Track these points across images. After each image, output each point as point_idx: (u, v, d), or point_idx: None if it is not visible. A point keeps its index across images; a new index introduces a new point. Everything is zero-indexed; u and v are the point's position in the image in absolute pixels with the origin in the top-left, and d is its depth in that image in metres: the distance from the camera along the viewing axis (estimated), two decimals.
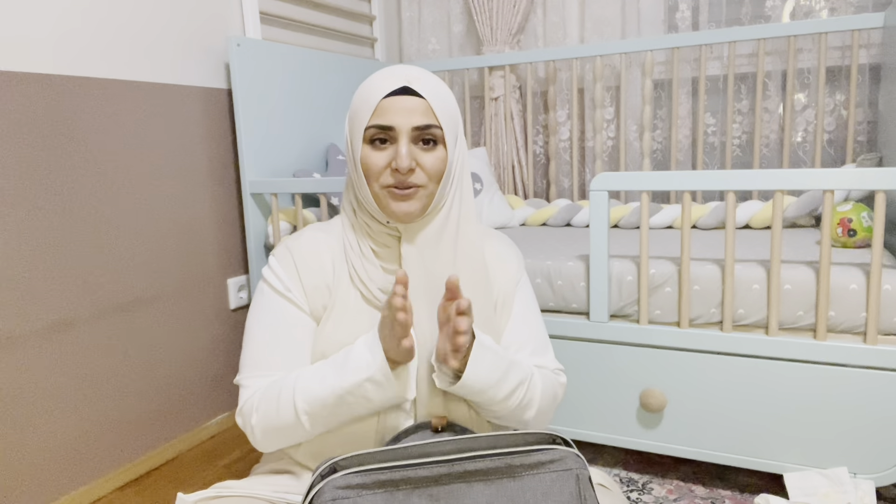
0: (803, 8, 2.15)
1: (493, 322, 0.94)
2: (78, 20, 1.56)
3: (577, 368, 1.58)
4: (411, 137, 0.85)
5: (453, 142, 0.89)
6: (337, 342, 0.89)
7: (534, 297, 1.04)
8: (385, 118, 0.84)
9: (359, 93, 0.88)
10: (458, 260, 0.92)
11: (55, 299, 1.53)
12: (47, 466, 1.53)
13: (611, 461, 1.70)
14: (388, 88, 0.85)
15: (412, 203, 0.86)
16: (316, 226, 0.97)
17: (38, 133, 1.49)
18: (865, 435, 1.34)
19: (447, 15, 2.72)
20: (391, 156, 0.85)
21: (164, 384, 1.81)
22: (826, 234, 1.30)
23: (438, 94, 0.87)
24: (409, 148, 0.84)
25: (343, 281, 0.91)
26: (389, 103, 0.84)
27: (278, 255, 0.94)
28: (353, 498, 0.66)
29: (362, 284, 0.90)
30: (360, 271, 0.90)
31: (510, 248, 1.02)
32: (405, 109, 0.84)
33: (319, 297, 0.91)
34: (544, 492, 0.69)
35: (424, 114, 0.85)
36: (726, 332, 1.42)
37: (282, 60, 2.01)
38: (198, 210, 1.89)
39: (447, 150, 0.87)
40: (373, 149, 0.86)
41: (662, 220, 2.06)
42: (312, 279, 0.91)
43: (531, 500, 0.69)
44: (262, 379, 0.90)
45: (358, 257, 0.91)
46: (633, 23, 2.36)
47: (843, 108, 2.14)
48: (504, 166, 2.56)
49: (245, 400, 0.90)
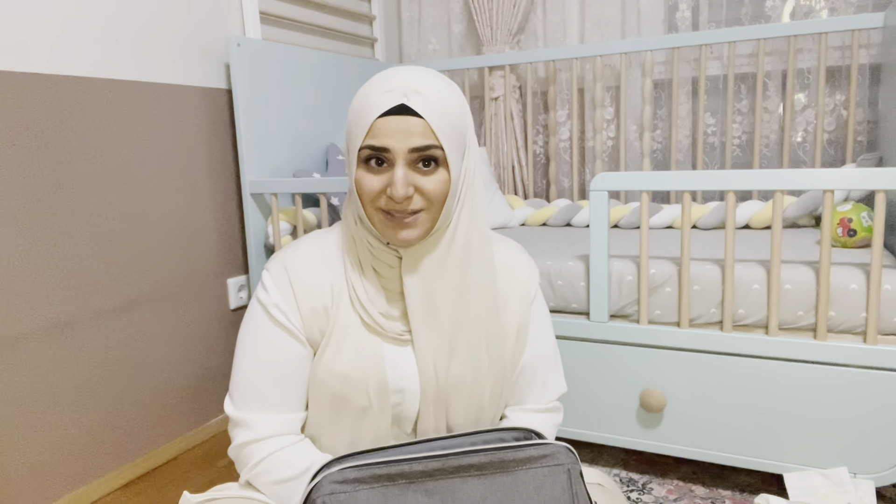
0: (803, 8, 2.15)
1: (503, 353, 0.89)
2: (78, 20, 1.56)
3: (577, 368, 1.58)
4: (408, 160, 0.77)
5: (459, 157, 0.81)
6: (336, 374, 0.84)
7: (547, 313, 0.98)
8: (380, 139, 0.77)
9: (356, 103, 0.81)
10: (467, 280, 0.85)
11: (55, 299, 1.53)
12: (47, 466, 1.53)
13: (611, 461, 1.70)
14: (384, 106, 0.76)
15: (411, 231, 0.80)
16: (313, 238, 0.90)
17: (38, 133, 1.49)
18: (865, 435, 1.34)
19: (447, 15, 2.72)
20: (387, 181, 0.78)
21: (164, 384, 1.81)
22: (826, 234, 1.30)
23: (439, 110, 0.77)
24: (405, 173, 0.77)
25: (343, 303, 0.85)
26: (385, 123, 0.76)
27: (273, 273, 0.87)
28: (350, 492, 0.67)
29: (362, 309, 0.85)
30: (360, 293, 0.85)
31: (523, 265, 0.94)
32: (402, 131, 0.76)
33: (317, 322, 0.85)
34: (537, 486, 0.70)
35: (423, 134, 0.76)
36: (726, 332, 1.42)
37: (282, 60, 2.01)
38: (198, 210, 1.89)
39: (450, 171, 0.79)
40: (367, 170, 0.79)
41: (662, 220, 2.06)
42: (310, 303, 0.85)
43: (524, 493, 0.69)
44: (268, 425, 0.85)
45: (358, 276, 0.85)
46: (633, 23, 2.36)
47: (843, 108, 2.14)
48: (504, 166, 2.56)
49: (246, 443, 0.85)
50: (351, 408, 0.86)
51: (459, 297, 0.85)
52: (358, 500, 0.66)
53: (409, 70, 0.80)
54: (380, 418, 0.86)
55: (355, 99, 0.81)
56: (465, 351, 0.86)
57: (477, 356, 0.87)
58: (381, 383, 0.85)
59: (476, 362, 0.87)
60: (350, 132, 0.81)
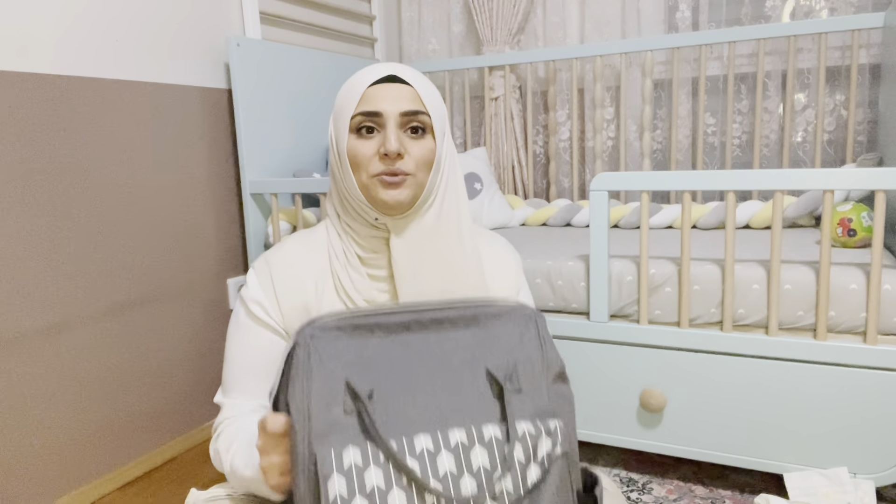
0: (803, 8, 2.15)
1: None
2: (78, 20, 1.56)
3: (577, 368, 1.58)
4: (399, 123, 0.83)
5: (441, 134, 0.87)
6: None
7: (531, 302, 1.01)
8: (372, 104, 0.83)
9: (343, 88, 0.87)
10: (452, 258, 0.89)
11: (55, 299, 1.53)
12: (47, 466, 1.53)
13: (611, 461, 1.70)
14: (374, 77, 0.84)
15: (402, 191, 0.84)
16: (299, 237, 0.94)
17: (38, 133, 1.49)
18: (865, 435, 1.34)
19: (447, 15, 2.72)
20: (379, 143, 0.84)
21: (164, 384, 1.81)
22: (826, 234, 1.30)
23: (425, 84, 0.86)
24: (397, 133, 0.83)
25: (327, 294, 0.89)
26: (376, 90, 0.83)
27: (258, 271, 0.91)
28: (331, 340, 0.69)
29: (347, 297, 0.88)
30: (344, 282, 0.88)
31: (508, 252, 0.99)
32: (392, 96, 0.83)
33: (298, 317, 0.89)
34: (507, 335, 0.74)
35: (412, 100, 0.84)
36: (726, 332, 1.42)
37: (282, 60, 2.01)
38: (198, 210, 1.89)
39: (436, 141, 0.86)
40: (359, 138, 0.84)
41: (662, 220, 2.06)
42: (290, 299, 0.89)
43: (496, 343, 0.74)
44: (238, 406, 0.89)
45: (343, 266, 0.89)
46: (633, 23, 2.36)
47: (843, 108, 2.14)
48: (504, 166, 2.56)
49: (218, 423, 0.89)
50: None
51: (447, 275, 0.89)
52: (337, 347, 0.69)
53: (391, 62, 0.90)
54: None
55: (343, 86, 0.88)
56: None
57: None
58: None
59: None
60: (339, 109, 0.86)
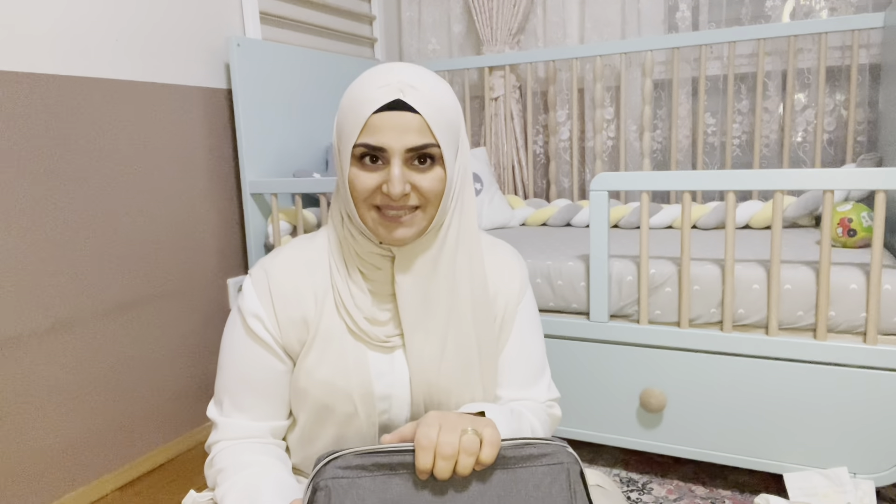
0: (803, 8, 2.15)
1: (496, 341, 0.89)
2: (77, 20, 1.56)
3: (577, 368, 1.58)
4: (405, 159, 0.75)
5: (453, 156, 0.79)
6: (319, 381, 0.83)
7: (536, 314, 0.96)
8: (375, 137, 0.74)
9: (348, 99, 0.78)
10: (458, 279, 0.85)
11: (55, 299, 1.53)
12: (47, 466, 1.53)
13: (611, 461, 1.70)
14: (379, 102, 0.74)
15: (407, 229, 0.78)
16: (298, 243, 0.88)
17: (38, 133, 1.49)
18: (865, 435, 1.34)
19: (447, 15, 2.72)
20: (382, 178, 0.76)
21: (164, 384, 1.81)
22: (826, 234, 1.30)
23: (436, 106, 0.76)
24: (401, 171, 0.75)
25: (327, 310, 0.84)
26: (380, 120, 0.74)
27: (255, 279, 0.85)
28: (352, 479, 0.67)
29: (347, 315, 0.83)
30: (345, 298, 0.83)
31: (514, 261, 0.94)
32: (398, 127, 0.74)
33: (295, 331, 0.84)
34: (536, 484, 0.70)
35: (420, 132, 0.74)
36: (726, 332, 1.42)
37: (282, 60, 2.01)
38: (198, 210, 1.89)
39: (446, 169, 0.78)
40: (361, 168, 0.77)
41: (662, 220, 2.06)
42: (288, 311, 0.83)
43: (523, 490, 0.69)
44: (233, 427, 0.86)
45: (344, 280, 0.83)
46: (633, 23, 2.36)
47: (843, 108, 2.14)
48: (504, 166, 2.56)
49: (212, 443, 0.86)
50: (336, 416, 0.84)
51: (452, 295, 0.84)
52: (361, 486, 0.67)
53: (402, 65, 0.78)
54: (367, 426, 0.85)
55: (346, 95, 0.79)
56: (456, 353, 0.85)
57: (469, 358, 0.86)
58: (367, 391, 0.83)
59: (468, 365, 0.86)
60: (342, 129, 0.79)
